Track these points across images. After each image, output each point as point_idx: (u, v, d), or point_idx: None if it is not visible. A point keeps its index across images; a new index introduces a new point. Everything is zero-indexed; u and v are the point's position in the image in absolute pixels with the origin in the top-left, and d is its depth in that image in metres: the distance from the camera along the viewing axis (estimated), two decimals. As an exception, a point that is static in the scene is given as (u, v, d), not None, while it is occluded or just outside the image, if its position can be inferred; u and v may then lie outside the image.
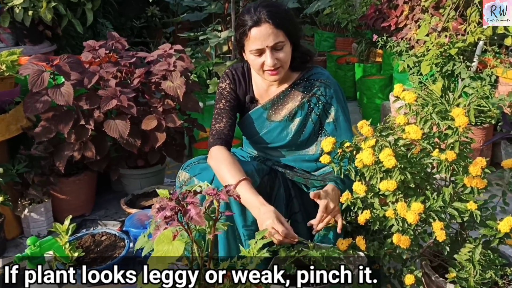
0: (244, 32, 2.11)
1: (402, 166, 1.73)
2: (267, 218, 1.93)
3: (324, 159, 1.93)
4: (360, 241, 2.01)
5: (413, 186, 1.81)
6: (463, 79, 3.49)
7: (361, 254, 2.02)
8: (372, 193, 1.93)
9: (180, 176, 2.28)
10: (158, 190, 1.60)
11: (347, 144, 1.97)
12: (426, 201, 1.82)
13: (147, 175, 3.39)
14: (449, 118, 1.68)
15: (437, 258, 2.12)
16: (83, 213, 3.32)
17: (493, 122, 3.30)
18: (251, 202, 2.02)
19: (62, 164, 2.86)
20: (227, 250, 2.17)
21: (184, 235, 1.62)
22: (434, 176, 1.94)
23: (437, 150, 1.65)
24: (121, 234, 2.82)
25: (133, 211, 3.07)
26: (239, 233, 2.16)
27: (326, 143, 1.90)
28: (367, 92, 4.88)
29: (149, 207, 3.21)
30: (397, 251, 1.94)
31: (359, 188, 1.90)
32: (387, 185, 1.78)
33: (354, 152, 1.97)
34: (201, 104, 3.71)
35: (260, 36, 2.07)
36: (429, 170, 1.80)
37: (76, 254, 2.54)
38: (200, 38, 3.98)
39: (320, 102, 2.25)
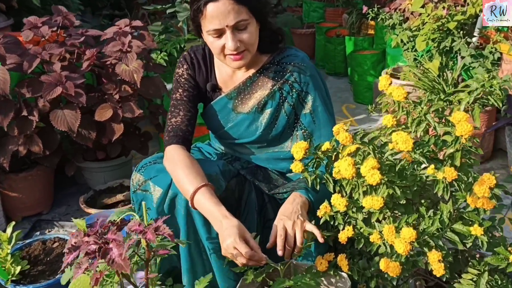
0: (199, 8, 1.73)
1: (390, 179, 1.38)
2: (228, 236, 1.60)
3: (296, 167, 1.58)
4: (342, 260, 1.67)
5: (404, 202, 1.46)
6: (463, 57, 3.11)
7: (344, 274, 1.69)
8: (355, 207, 1.59)
9: (134, 179, 1.94)
10: (74, 220, 1.25)
11: (325, 146, 1.61)
12: (421, 219, 1.48)
13: (110, 168, 3.03)
14: (449, 124, 1.31)
15: (433, 277, 1.80)
16: (40, 211, 3.00)
17: (496, 105, 2.94)
18: (211, 213, 1.69)
19: (6, 160, 2.50)
20: (190, 266, 1.86)
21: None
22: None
23: (432, 167, 1.29)
24: (75, 239, 2.48)
25: (92, 211, 2.74)
26: (204, 246, 1.84)
27: (297, 149, 1.54)
28: (358, 69, 4.50)
29: (113, 205, 2.87)
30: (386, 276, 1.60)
31: (338, 202, 1.56)
32: (371, 202, 1.43)
33: (333, 156, 1.61)
34: (170, 87, 3.32)
35: (218, 13, 1.69)
36: (423, 180, 1.44)
37: (18, 269, 2.21)
38: (168, 11, 3.57)
39: (294, 90, 1.89)
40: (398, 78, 3.63)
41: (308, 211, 1.77)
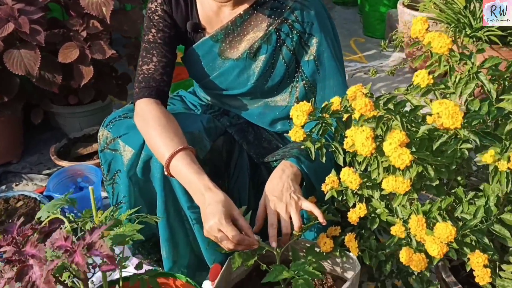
0: None
1: (421, 157, 1.02)
2: (212, 215, 1.29)
3: (296, 134, 1.22)
4: (351, 241, 1.35)
5: (437, 183, 1.11)
6: (495, -15, 2.65)
7: (352, 255, 1.38)
8: (370, 183, 1.24)
9: (100, 136, 1.63)
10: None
11: (335, 105, 1.24)
12: (456, 205, 1.13)
13: (86, 113, 2.66)
14: (505, 83, 0.93)
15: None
16: (9, 160, 2.67)
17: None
18: (191, 184, 1.38)
19: (-41, 108, 2.14)
20: (169, 236, 1.58)
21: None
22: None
23: (491, 153, 0.92)
24: (43, 198, 2.18)
25: (64, 164, 2.41)
26: (186, 215, 1.55)
27: (298, 112, 1.17)
28: (369, -2, 4.03)
29: (88, 156, 2.53)
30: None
31: (350, 179, 1.21)
32: (394, 185, 1.08)
33: (344, 117, 1.24)
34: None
35: None
36: (465, 156, 1.08)
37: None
38: None
39: (295, 32, 1.52)
40: (417, 10, 3.20)
41: (301, 184, 1.46)
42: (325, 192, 1.34)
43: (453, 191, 1.19)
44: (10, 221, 2.12)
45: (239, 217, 1.32)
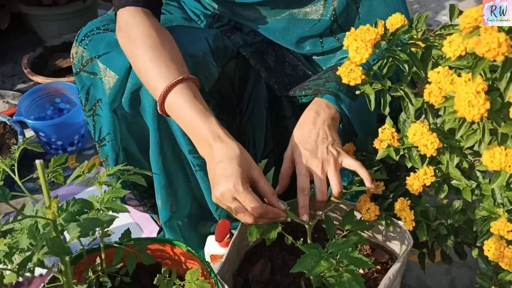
0: None
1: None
2: (224, 179, 0.94)
3: (350, 74, 0.82)
4: (405, 211, 1.00)
5: None
6: None
7: (400, 223, 1.05)
8: (448, 145, 0.87)
9: (74, 54, 1.24)
10: None
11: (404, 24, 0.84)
12: None
13: (65, 16, 2.25)
14: None
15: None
16: (-25, 71, 2.28)
17: None
18: (194, 129, 1.02)
19: None
20: (166, 183, 1.27)
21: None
22: None
23: None
24: (14, 123, 1.83)
25: (39, 79, 2.02)
26: (187, 159, 1.23)
27: (357, 42, 0.76)
28: None
29: (68, 70, 2.14)
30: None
31: (423, 140, 0.84)
32: (503, 162, 0.71)
33: (423, 50, 0.84)
34: None
35: None
36: None
37: None
38: None
39: None
40: None
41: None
42: (379, 150, 0.97)
43: None
44: (-26, 150, 1.78)
45: (260, 179, 0.97)
